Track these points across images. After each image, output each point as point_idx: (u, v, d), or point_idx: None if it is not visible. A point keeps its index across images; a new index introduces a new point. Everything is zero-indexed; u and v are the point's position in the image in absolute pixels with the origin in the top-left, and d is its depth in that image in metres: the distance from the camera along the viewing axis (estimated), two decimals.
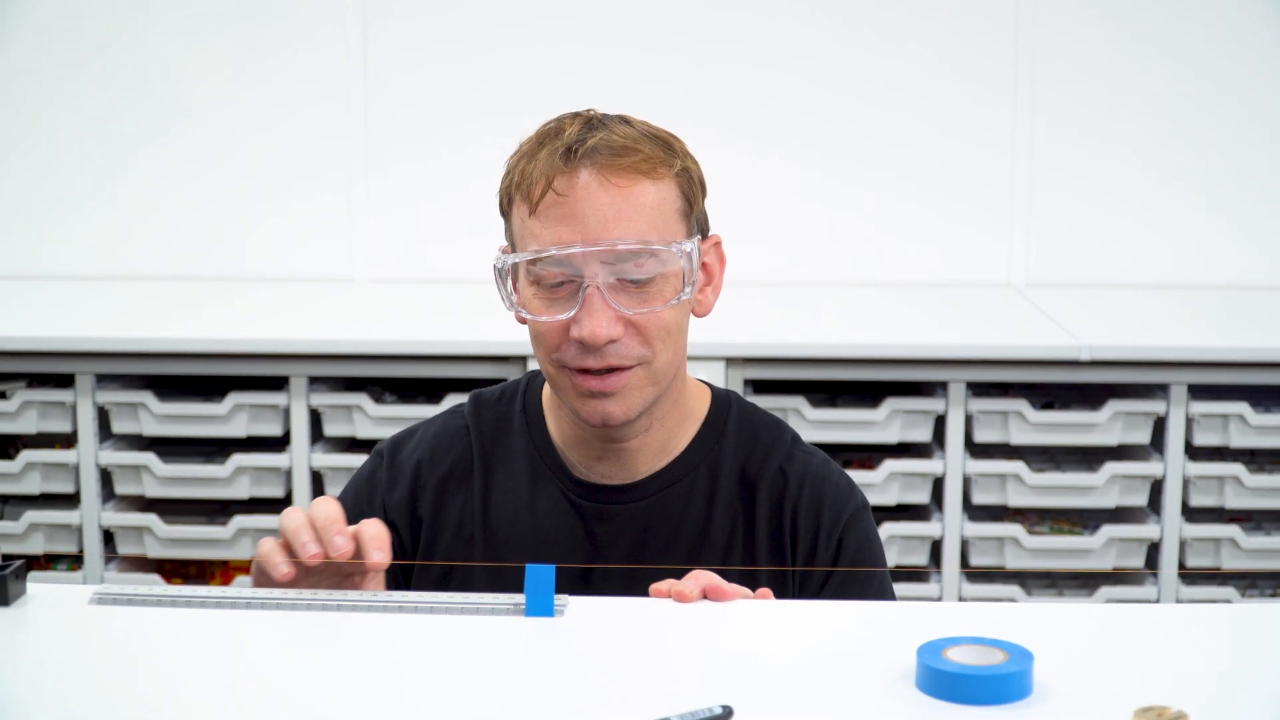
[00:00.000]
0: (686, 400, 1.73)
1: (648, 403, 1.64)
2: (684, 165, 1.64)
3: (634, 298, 1.59)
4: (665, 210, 1.60)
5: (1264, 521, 3.30)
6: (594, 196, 1.57)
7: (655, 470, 1.71)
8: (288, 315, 3.52)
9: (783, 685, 1.28)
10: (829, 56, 3.76)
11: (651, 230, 1.59)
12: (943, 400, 3.20)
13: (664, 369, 1.63)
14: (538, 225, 1.59)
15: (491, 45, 3.77)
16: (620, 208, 1.58)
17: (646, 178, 1.59)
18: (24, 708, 1.24)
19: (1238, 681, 1.29)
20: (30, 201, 3.86)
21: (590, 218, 1.57)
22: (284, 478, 3.26)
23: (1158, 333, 3.31)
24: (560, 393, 1.65)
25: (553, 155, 1.59)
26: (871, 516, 1.74)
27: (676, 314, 1.62)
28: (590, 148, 1.58)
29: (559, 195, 1.58)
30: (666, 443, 1.71)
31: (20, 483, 3.27)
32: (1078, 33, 3.75)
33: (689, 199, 1.64)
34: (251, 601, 1.45)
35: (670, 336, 1.62)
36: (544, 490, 1.71)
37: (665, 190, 1.61)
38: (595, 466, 1.71)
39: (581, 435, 1.70)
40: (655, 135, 1.64)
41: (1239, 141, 3.77)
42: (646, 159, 1.59)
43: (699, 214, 1.66)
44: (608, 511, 1.70)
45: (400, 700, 1.25)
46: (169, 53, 3.80)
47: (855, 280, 3.82)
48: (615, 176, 1.58)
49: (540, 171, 1.59)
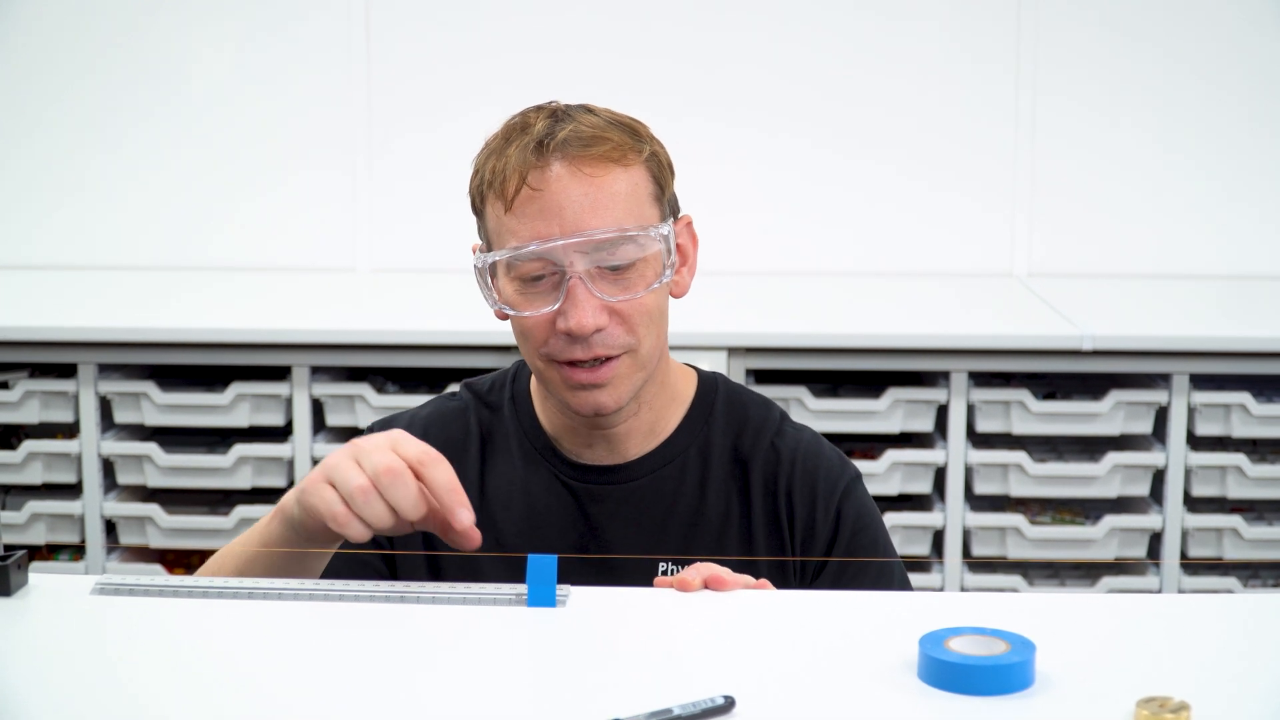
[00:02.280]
0: (672, 382, 1.74)
1: (636, 388, 1.65)
2: (652, 150, 1.65)
3: (616, 285, 1.61)
4: (639, 196, 1.62)
5: (1266, 512, 3.29)
6: (568, 188, 1.58)
7: (645, 452, 1.72)
8: (290, 305, 3.52)
9: (785, 675, 1.28)
10: (833, 46, 3.76)
11: (628, 217, 1.60)
12: (945, 390, 3.20)
13: (649, 354, 1.65)
14: (514, 221, 1.60)
15: (496, 37, 3.77)
16: (595, 197, 1.59)
17: (618, 165, 1.61)
18: (26, 698, 1.24)
19: (1240, 671, 1.29)
20: (32, 191, 3.85)
21: (567, 209, 1.58)
22: (286, 468, 3.26)
23: (1160, 322, 3.31)
24: (549, 386, 1.66)
25: (523, 150, 1.60)
26: (866, 488, 1.75)
27: (658, 298, 1.64)
28: (561, 140, 1.59)
29: (533, 190, 1.59)
30: (655, 425, 1.72)
31: (22, 473, 3.28)
32: (1081, 22, 3.74)
33: (660, 182, 1.65)
34: (254, 592, 1.45)
35: (653, 321, 1.64)
36: (536, 473, 1.73)
37: (637, 176, 1.62)
38: (585, 452, 1.72)
39: (570, 423, 1.71)
40: (621, 122, 1.65)
41: (1242, 131, 3.76)
42: (616, 146, 1.61)
43: (670, 196, 1.68)
44: (600, 491, 1.71)
45: (402, 690, 1.26)
46: (172, 43, 3.80)
47: (857, 270, 3.82)
48: (587, 166, 1.59)
49: (512, 167, 1.60)
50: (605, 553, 1.69)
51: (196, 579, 1.49)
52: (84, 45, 3.79)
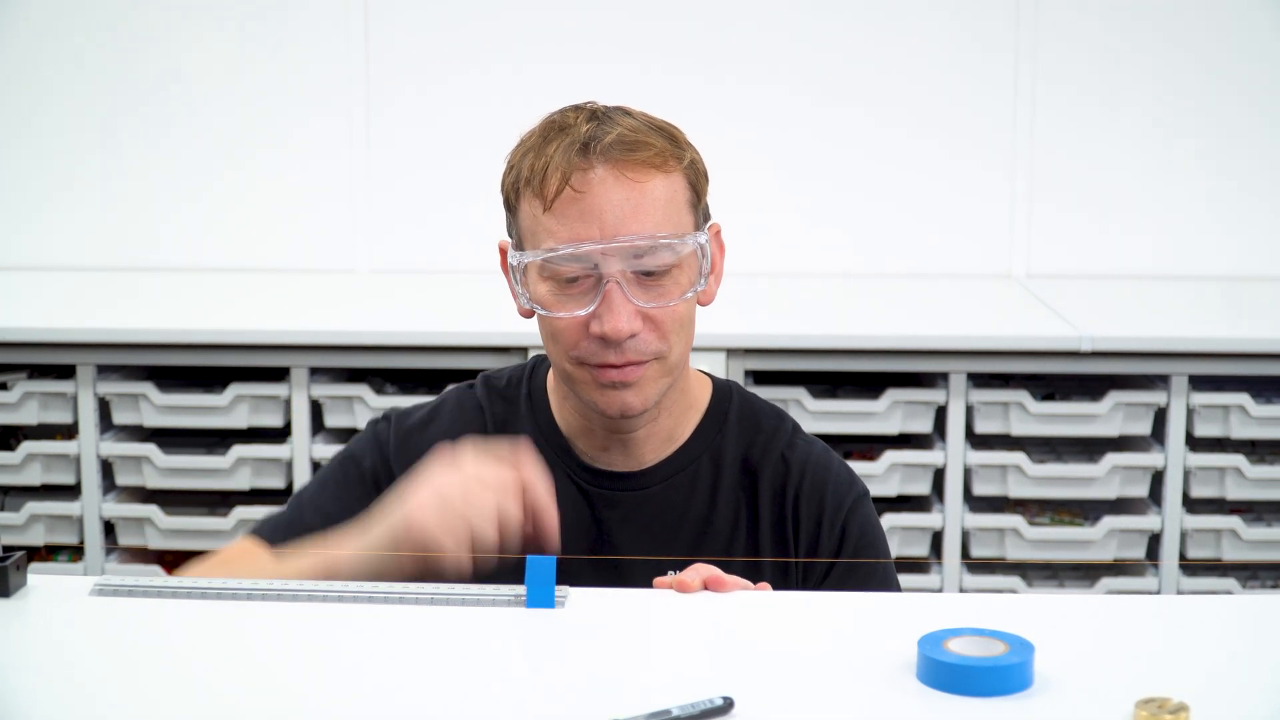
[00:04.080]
0: (690, 389, 1.73)
1: (661, 392, 1.65)
2: (691, 157, 1.65)
3: (650, 291, 1.60)
4: (677, 203, 1.61)
5: (1265, 513, 3.29)
6: (610, 192, 1.57)
7: (661, 459, 1.71)
8: (289, 306, 3.52)
9: (784, 676, 1.28)
10: (831, 48, 3.76)
11: (666, 223, 1.59)
12: (944, 391, 3.20)
13: (678, 361, 1.64)
14: (553, 221, 1.59)
15: (496, 38, 3.77)
16: (637, 202, 1.58)
17: (659, 171, 1.60)
18: (25, 699, 1.24)
19: (1238, 672, 1.29)
20: (31, 192, 3.85)
21: (607, 213, 1.57)
22: (285, 469, 3.26)
23: (1159, 323, 3.31)
24: (576, 386, 1.65)
25: (567, 151, 1.58)
26: (873, 505, 1.74)
27: (689, 306, 1.64)
28: (607, 143, 1.58)
29: (576, 191, 1.58)
30: (672, 431, 1.72)
31: (21, 474, 3.27)
32: (1080, 24, 3.74)
33: (696, 190, 1.65)
34: (252, 593, 1.45)
35: (683, 328, 1.63)
36: (551, 473, 1.71)
37: (676, 183, 1.62)
38: (601, 455, 1.71)
39: (588, 425, 1.70)
40: (660, 127, 1.64)
41: (1240, 132, 3.76)
42: (659, 153, 1.60)
43: (704, 205, 1.67)
44: (614, 498, 1.71)
45: (401, 691, 1.26)
46: (172, 44, 3.79)
47: (856, 271, 3.82)
48: (630, 171, 1.58)
49: (554, 166, 1.58)
50: (616, 559, 1.69)
51: (195, 580, 1.48)
52: (84, 46, 3.79)
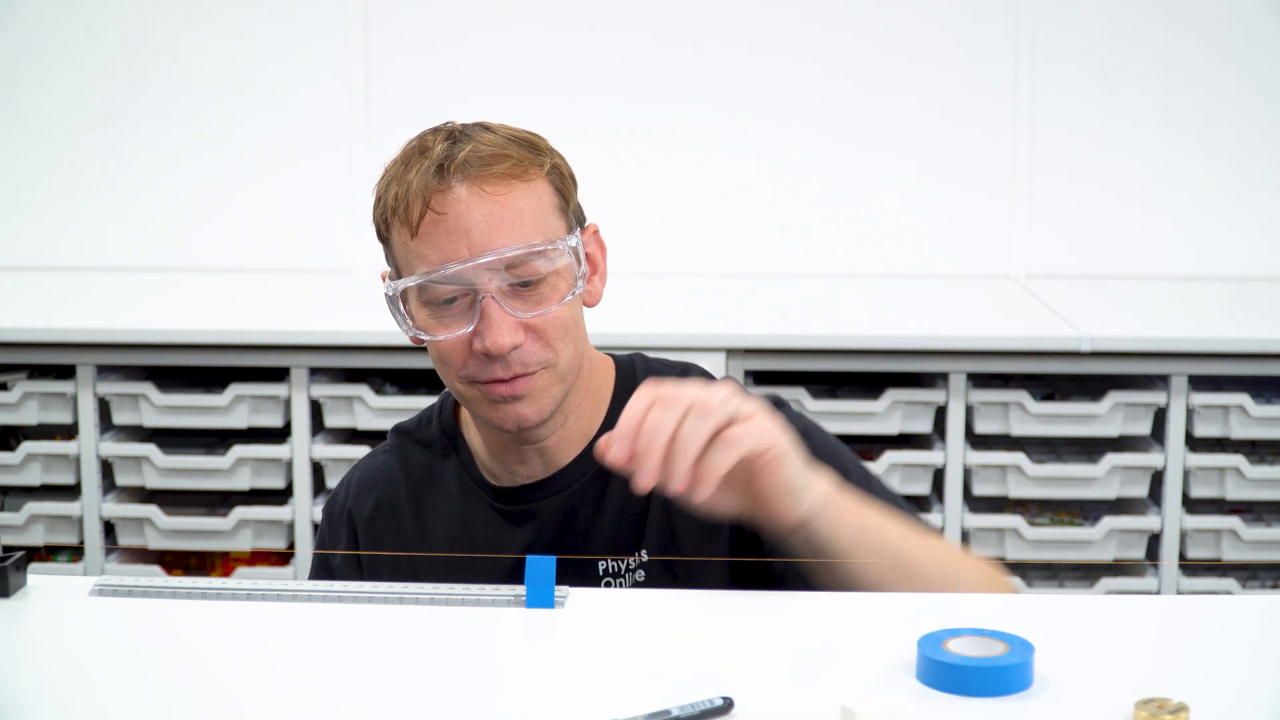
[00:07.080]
0: (595, 384, 1.72)
1: (558, 400, 1.64)
2: (552, 162, 1.64)
3: (528, 301, 1.60)
4: (543, 210, 1.61)
5: (1265, 513, 3.29)
6: (472, 209, 1.58)
7: (573, 458, 1.70)
8: (288, 306, 3.52)
9: (783, 676, 1.28)
10: (829, 48, 3.76)
11: (534, 232, 1.59)
12: (943, 391, 3.20)
13: (568, 366, 1.64)
14: (422, 246, 1.59)
15: (494, 40, 3.77)
16: (501, 215, 1.58)
17: (520, 181, 1.60)
18: (25, 699, 1.24)
19: (1238, 673, 1.29)
20: (30, 192, 3.85)
21: (473, 230, 1.57)
22: (285, 469, 3.26)
23: (1158, 324, 3.31)
24: (472, 406, 1.65)
25: (424, 174, 1.59)
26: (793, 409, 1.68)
27: (571, 310, 1.63)
28: (460, 161, 1.58)
29: (438, 213, 1.58)
30: (586, 431, 1.70)
31: (21, 474, 3.27)
32: (1079, 25, 3.74)
33: (563, 194, 1.64)
34: (252, 593, 1.45)
35: (569, 333, 1.63)
36: (475, 506, 1.72)
37: (540, 190, 1.61)
38: (520, 469, 1.71)
39: (502, 441, 1.69)
40: (519, 138, 1.64)
41: (1240, 132, 3.76)
42: (517, 163, 1.60)
43: (575, 207, 1.67)
44: (532, 509, 1.70)
45: (402, 691, 1.26)
46: (171, 45, 3.79)
47: (856, 271, 3.82)
48: (489, 185, 1.58)
49: (414, 192, 1.59)
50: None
51: (195, 580, 1.48)
52: (83, 46, 3.79)
